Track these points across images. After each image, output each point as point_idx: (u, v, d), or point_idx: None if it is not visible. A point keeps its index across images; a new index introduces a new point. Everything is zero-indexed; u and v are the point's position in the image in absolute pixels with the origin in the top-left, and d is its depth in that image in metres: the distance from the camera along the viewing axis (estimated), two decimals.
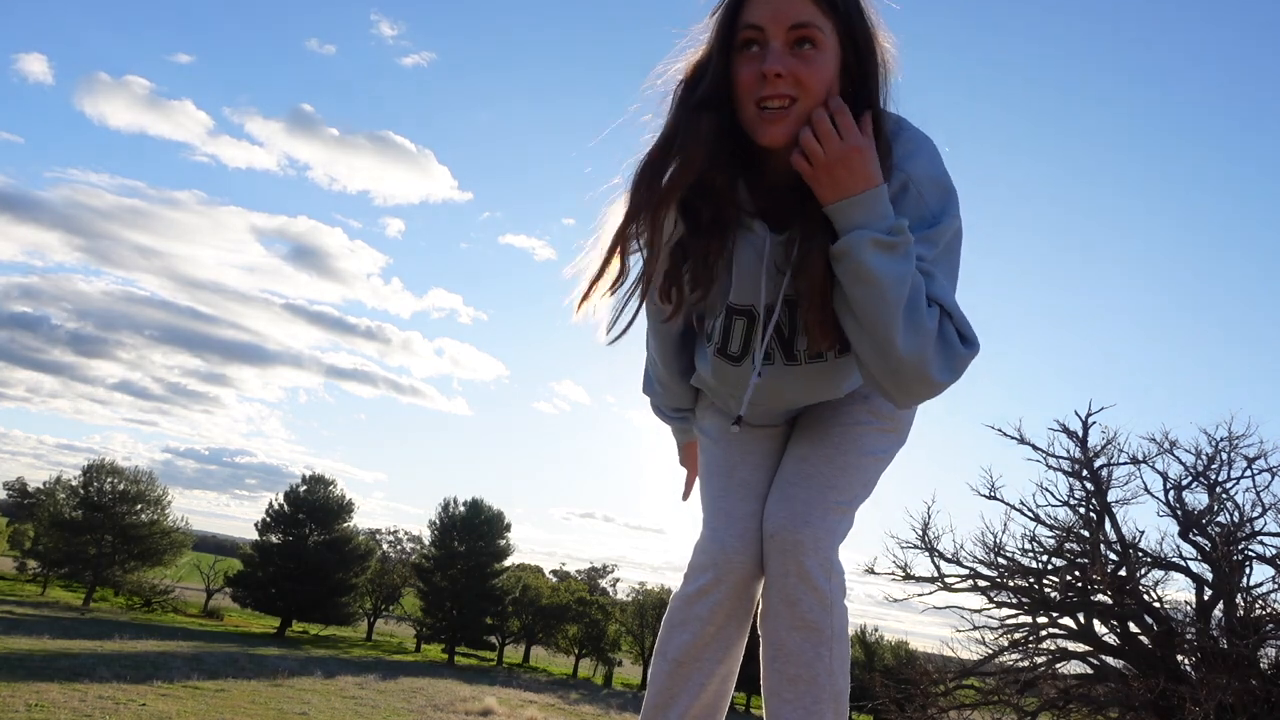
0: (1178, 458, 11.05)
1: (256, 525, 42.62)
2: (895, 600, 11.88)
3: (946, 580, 11.68)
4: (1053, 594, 11.12)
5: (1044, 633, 11.14)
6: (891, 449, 1.66)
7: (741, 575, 1.56)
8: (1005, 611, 11.50)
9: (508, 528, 44.93)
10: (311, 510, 42.26)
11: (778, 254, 1.44)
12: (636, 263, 1.47)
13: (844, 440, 1.60)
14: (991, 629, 11.36)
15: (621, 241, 1.43)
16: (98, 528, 40.96)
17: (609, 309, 1.49)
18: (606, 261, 1.44)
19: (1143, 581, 10.78)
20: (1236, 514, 10.68)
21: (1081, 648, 11.01)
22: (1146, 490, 11.16)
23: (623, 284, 1.46)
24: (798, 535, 1.49)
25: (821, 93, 1.32)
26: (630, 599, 50.99)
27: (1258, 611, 9.83)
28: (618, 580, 57.93)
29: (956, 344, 1.34)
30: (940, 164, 1.41)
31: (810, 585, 1.48)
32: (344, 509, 43.22)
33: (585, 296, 1.46)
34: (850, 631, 1.57)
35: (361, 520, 50.56)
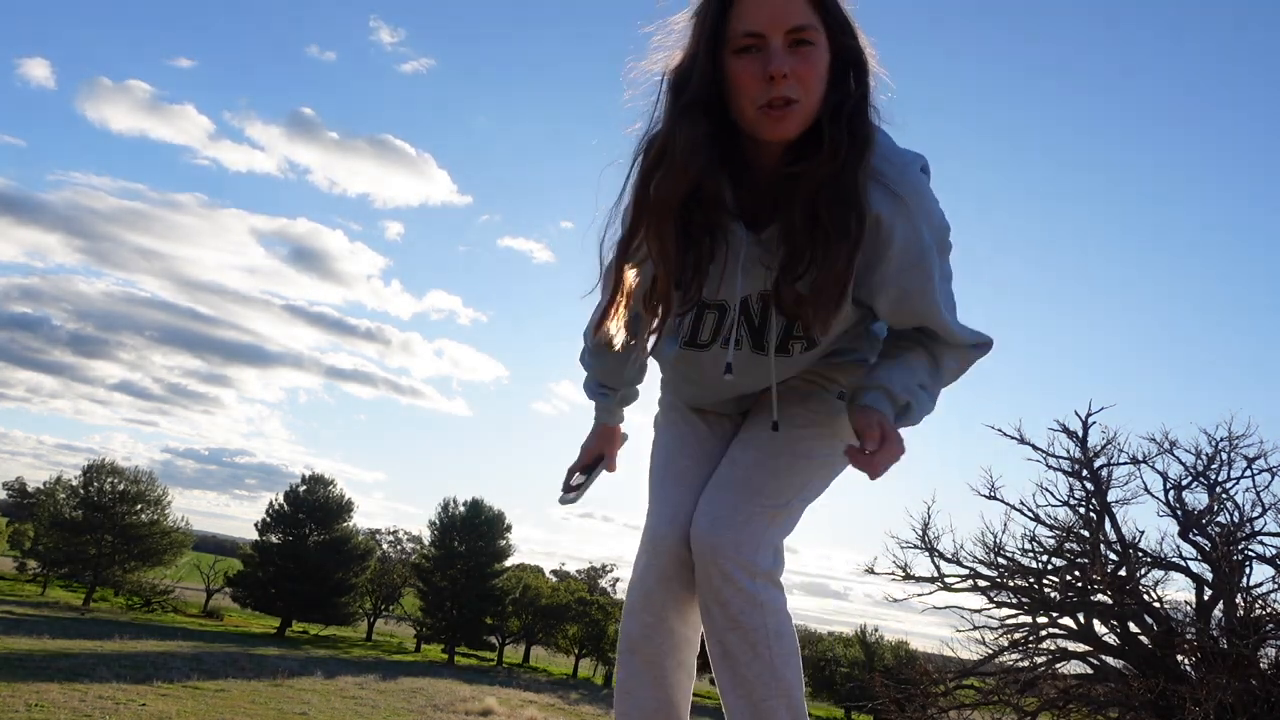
0: (1178, 458, 11.06)
1: (256, 525, 42.64)
2: (895, 600, 11.89)
3: (946, 580, 11.68)
4: (1053, 594, 11.11)
5: (1044, 633, 11.14)
6: (832, 455, 1.65)
7: (671, 559, 1.59)
8: (1005, 611, 11.50)
9: (508, 528, 44.95)
10: (311, 510, 42.25)
11: (756, 251, 1.45)
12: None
13: (777, 444, 1.61)
14: (991, 629, 11.36)
15: (626, 259, 1.45)
16: (98, 528, 40.94)
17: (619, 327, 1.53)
18: (617, 284, 1.48)
19: (1143, 581, 10.78)
20: (1236, 514, 10.68)
21: (1081, 648, 11.00)
22: (1146, 490, 11.16)
23: (632, 300, 1.49)
24: (716, 539, 1.51)
25: (820, 86, 1.34)
26: None
27: (1258, 611, 9.82)
28: (618, 580, 57.84)
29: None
30: (925, 218, 1.41)
31: (735, 587, 1.50)
32: (344, 509, 43.21)
33: (600, 324, 1.51)
34: (850, 630, 1.59)
35: (361, 520, 50.66)
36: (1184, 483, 10.95)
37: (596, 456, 2.01)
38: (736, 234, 1.44)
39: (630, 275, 1.49)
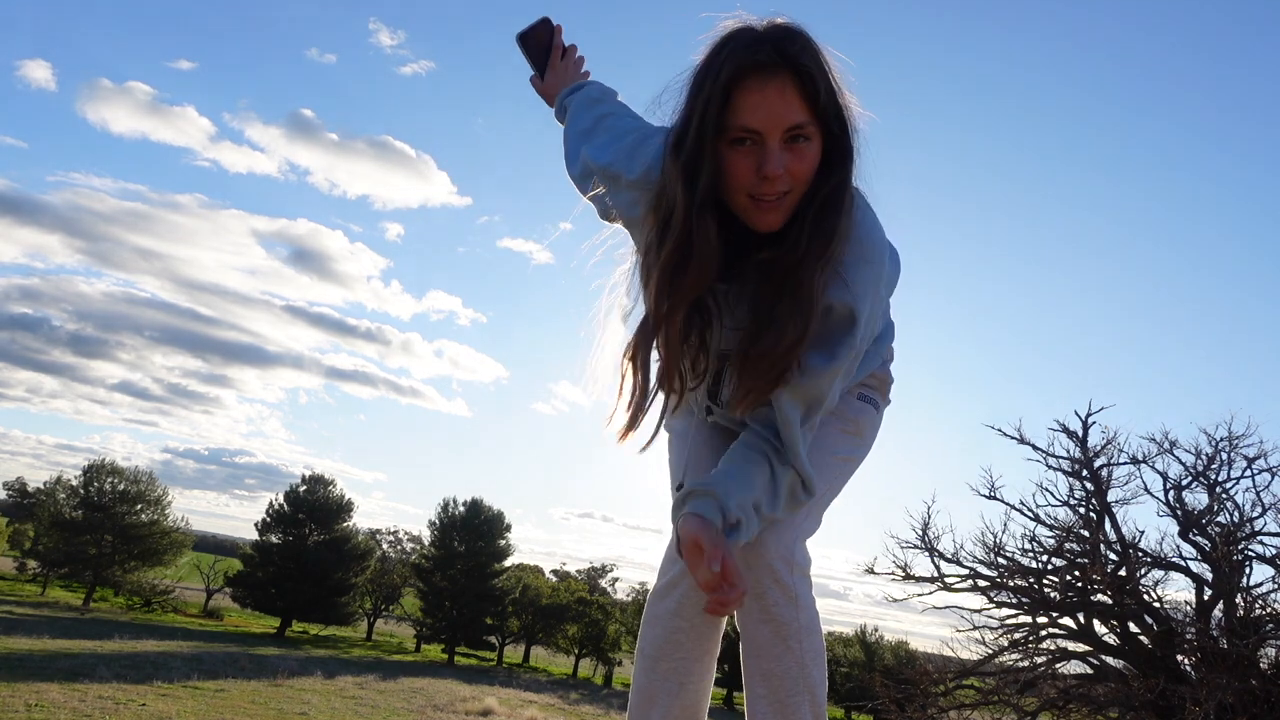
0: (1178, 458, 11.06)
1: (256, 525, 42.68)
2: (895, 600, 11.89)
3: (946, 580, 11.68)
4: (1053, 594, 11.11)
5: (1044, 633, 11.14)
6: (856, 453, 1.69)
7: None
8: (1005, 611, 11.50)
9: (508, 528, 44.97)
10: (311, 510, 42.26)
11: (729, 310, 1.48)
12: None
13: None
14: (991, 629, 11.36)
15: (643, 351, 1.47)
16: (98, 528, 40.97)
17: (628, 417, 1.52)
18: (640, 378, 1.49)
19: (1143, 581, 10.77)
20: (1236, 514, 10.69)
21: (1081, 648, 11.01)
22: (1146, 490, 11.16)
23: (648, 394, 1.50)
24: (761, 534, 1.52)
25: (810, 178, 1.37)
26: (630, 599, 51.03)
27: (1258, 611, 9.83)
28: (618, 580, 58.02)
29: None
30: (867, 286, 1.41)
31: (774, 579, 1.52)
32: (344, 509, 43.23)
33: (630, 424, 1.50)
34: (850, 630, 1.60)
35: (361, 520, 50.70)
36: (1184, 483, 10.97)
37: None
38: (721, 292, 1.48)
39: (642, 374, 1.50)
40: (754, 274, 1.42)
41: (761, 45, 1.31)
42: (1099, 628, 10.91)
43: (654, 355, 1.49)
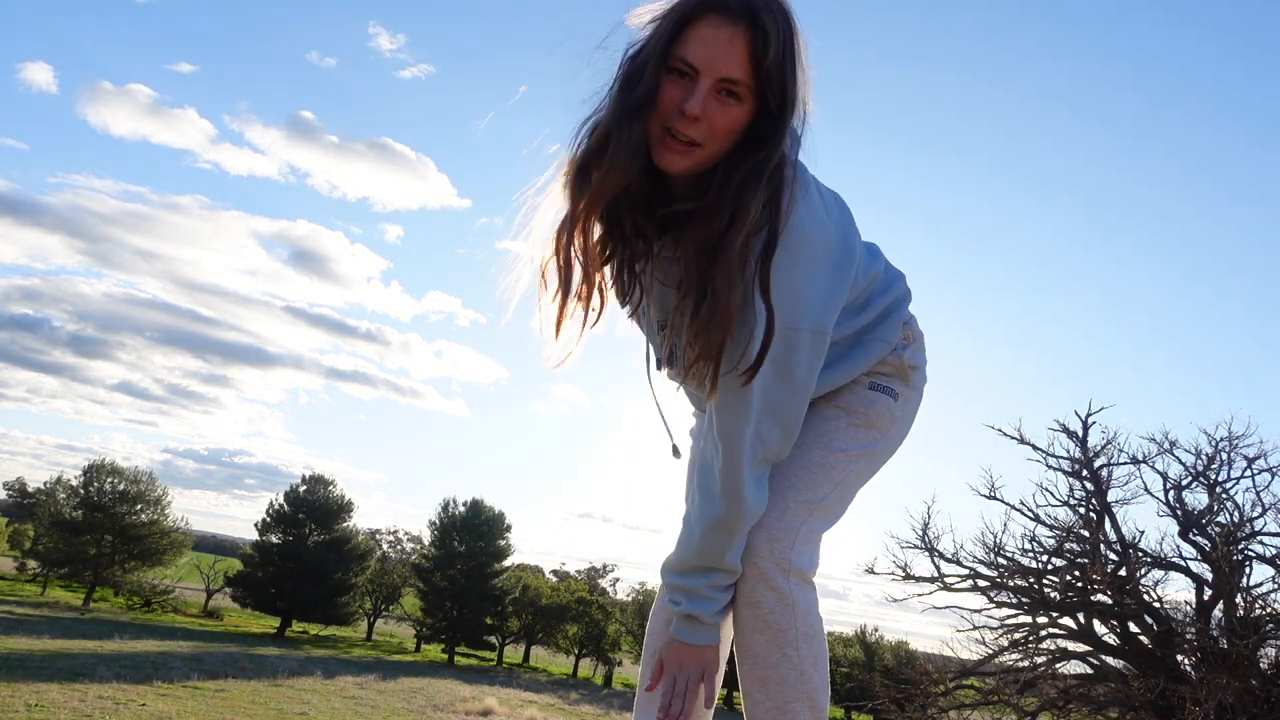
0: (1178, 458, 11.04)
1: (256, 525, 42.66)
2: (895, 600, 11.87)
3: (946, 580, 11.67)
4: (1053, 594, 11.11)
5: (1044, 633, 11.14)
6: (870, 446, 1.61)
7: None
8: (1005, 611, 11.49)
9: (508, 528, 44.95)
10: (311, 510, 42.26)
11: (662, 266, 1.47)
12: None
13: (809, 439, 1.58)
14: (991, 629, 11.35)
15: (564, 249, 1.43)
16: (98, 528, 40.97)
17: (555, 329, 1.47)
18: (564, 275, 1.44)
19: (1143, 581, 10.77)
20: (1236, 514, 10.68)
21: (1081, 648, 11.00)
22: (1146, 490, 11.15)
23: (569, 296, 1.46)
24: (751, 537, 1.50)
25: (728, 140, 1.35)
26: (630, 599, 51.00)
27: (1258, 611, 9.82)
28: (618, 580, 57.90)
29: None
30: (801, 271, 1.38)
31: (769, 585, 1.49)
32: (344, 509, 43.22)
33: (556, 326, 1.46)
34: (850, 630, 1.58)
35: (361, 520, 50.64)
36: (1184, 483, 10.95)
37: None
38: (656, 250, 1.46)
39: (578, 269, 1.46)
40: (685, 235, 1.39)
41: None
42: (1099, 628, 10.90)
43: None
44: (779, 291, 1.36)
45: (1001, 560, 11.50)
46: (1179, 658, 10.09)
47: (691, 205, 1.37)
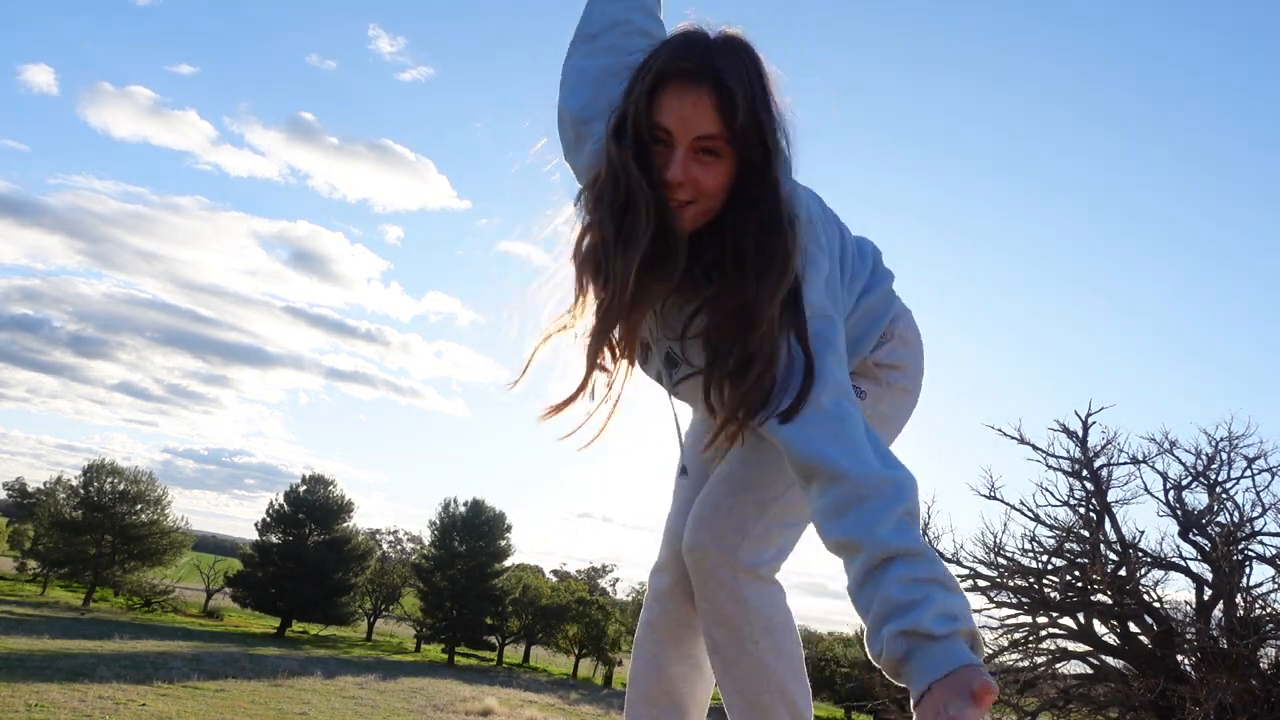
0: (1178, 458, 11.07)
1: (256, 525, 42.66)
2: None
3: None
4: (1053, 594, 11.11)
5: (1044, 633, 11.14)
6: None
7: (673, 555, 1.65)
8: (1005, 611, 11.51)
9: (508, 528, 44.95)
10: (311, 510, 42.25)
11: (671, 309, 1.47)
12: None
13: (760, 437, 1.56)
14: (991, 629, 11.36)
15: (604, 340, 1.42)
16: (98, 528, 40.96)
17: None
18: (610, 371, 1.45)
19: (1143, 581, 10.78)
20: (1236, 514, 10.69)
21: (1081, 648, 11.01)
22: (1146, 490, 11.17)
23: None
24: (697, 537, 1.53)
25: (719, 193, 1.35)
26: (630, 599, 50.94)
27: (1258, 611, 9.83)
28: (618, 580, 57.80)
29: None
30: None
31: (716, 582, 1.52)
32: (344, 509, 43.22)
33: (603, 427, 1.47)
34: (850, 631, 1.58)
35: (361, 520, 50.58)
36: (1184, 483, 10.97)
37: None
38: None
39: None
40: (711, 298, 1.36)
41: (691, 53, 1.32)
42: (1099, 628, 10.91)
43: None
44: (813, 321, 1.35)
45: (1001, 560, 11.51)
46: (1179, 658, 10.10)
47: (714, 290, 1.35)
